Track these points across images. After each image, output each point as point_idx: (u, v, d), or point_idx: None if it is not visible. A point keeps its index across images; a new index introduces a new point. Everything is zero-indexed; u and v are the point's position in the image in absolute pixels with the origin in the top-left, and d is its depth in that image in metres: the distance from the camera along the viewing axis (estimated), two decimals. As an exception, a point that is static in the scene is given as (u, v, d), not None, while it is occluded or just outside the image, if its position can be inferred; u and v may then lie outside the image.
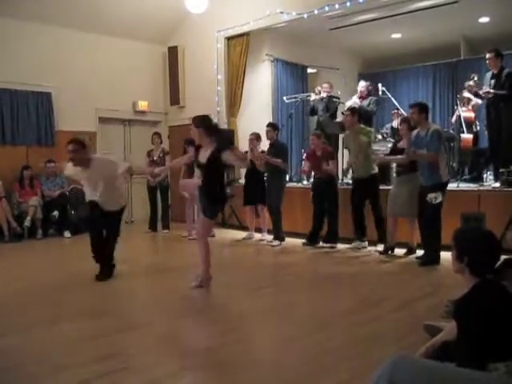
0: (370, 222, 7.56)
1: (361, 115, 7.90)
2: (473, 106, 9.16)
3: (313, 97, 9.87)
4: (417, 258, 6.78)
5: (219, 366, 3.42)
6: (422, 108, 6.51)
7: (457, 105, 9.21)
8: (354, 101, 9.28)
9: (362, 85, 9.36)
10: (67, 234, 9.31)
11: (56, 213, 9.29)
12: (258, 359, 3.57)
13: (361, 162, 7.52)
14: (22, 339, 3.92)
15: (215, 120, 10.38)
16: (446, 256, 5.51)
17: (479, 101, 8.83)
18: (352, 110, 7.92)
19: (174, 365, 3.42)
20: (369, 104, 9.06)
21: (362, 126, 7.73)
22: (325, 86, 9.64)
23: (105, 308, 4.83)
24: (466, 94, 9.10)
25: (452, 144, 8.62)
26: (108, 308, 4.84)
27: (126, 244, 6.26)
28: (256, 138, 8.45)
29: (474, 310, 2.39)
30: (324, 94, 9.55)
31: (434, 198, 6.24)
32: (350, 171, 8.00)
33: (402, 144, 7.02)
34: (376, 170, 7.57)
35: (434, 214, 6.30)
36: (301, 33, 10.69)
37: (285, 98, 10.56)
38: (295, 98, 10.49)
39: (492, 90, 7.50)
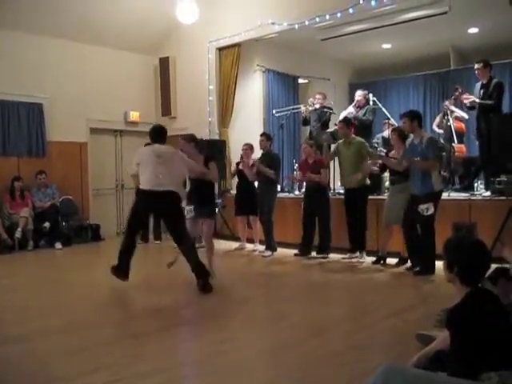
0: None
1: (355, 126, 7.91)
2: (456, 118, 9.23)
3: (303, 108, 9.87)
4: (406, 268, 6.74)
5: (215, 374, 3.40)
6: (413, 116, 6.48)
7: (446, 114, 9.25)
8: (349, 111, 9.25)
9: (359, 94, 9.26)
10: (58, 245, 9.24)
11: (47, 224, 9.23)
12: (253, 367, 3.58)
13: (350, 172, 7.53)
14: (16, 351, 3.88)
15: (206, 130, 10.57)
16: (439, 265, 5.53)
17: (464, 115, 8.97)
18: (345, 120, 7.94)
19: (169, 374, 3.39)
20: (365, 113, 9.02)
21: (353, 136, 7.75)
22: (318, 96, 9.64)
23: (99, 319, 4.80)
24: (451, 107, 9.15)
25: (443, 153, 8.65)
26: (102, 319, 4.80)
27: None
28: (249, 148, 8.47)
29: (467, 319, 2.39)
30: (317, 105, 9.57)
31: (426, 208, 6.18)
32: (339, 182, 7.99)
33: (393, 153, 7.04)
34: (367, 181, 7.58)
35: (426, 226, 6.27)
36: (292, 43, 10.76)
37: (274, 111, 10.55)
38: (285, 111, 10.50)
39: (478, 100, 7.56)
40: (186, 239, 5.90)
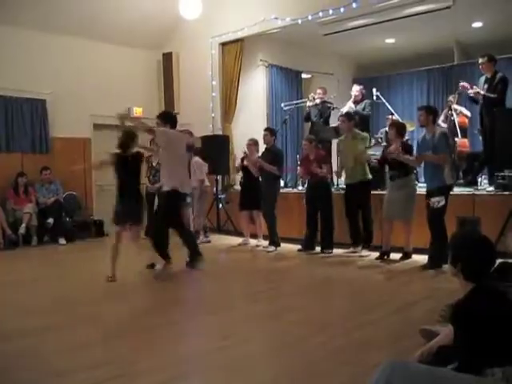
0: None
1: (356, 121, 7.91)
2: (460, 112, 9.25)
3: (308, 103, 9.89)
4: (422, 266, 6.46)
5: (218, 370, 3.41)
6: (430, 111, 6.58)
7: (450, 109, 9.24)
8: (349, 106, 9.29)
9: (356, 89, 9.38)
10: (62, 240, 9.28)
11: (51, 220, 9.26)
12: (256, 364, 3.58)
13: (354, 167, 7.51)
14: (21, 345, 3.90)
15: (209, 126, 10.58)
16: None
17: (467, 112, 9.11)
18: (347, 115, 7.94)
19: (172, 370, 3.40)
20: (364, 108, 9.09)
21: (358, 131, 7.74)
22: (318, 91, 9.66)
23: (101, 314, 4.81)
24: (454, 105, 9.19)
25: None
26: (104, 314, 4.81)
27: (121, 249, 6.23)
28: (254, 143, 8.46)
29: (471, 314, 2.39)
30: (318, 100, 9.56)
31: (437, 201, 6.23)
32: (343, 174, 7.95)
33: (392, 149, 7.01)
34: (369, 176, 7.57)
35: (435, 219, 6.28)
36: (295, 38, 10.72)
37: (283, 104, 10.54)
38: (293, 104, 10.50)
39: (482, 92, 7.53)
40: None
